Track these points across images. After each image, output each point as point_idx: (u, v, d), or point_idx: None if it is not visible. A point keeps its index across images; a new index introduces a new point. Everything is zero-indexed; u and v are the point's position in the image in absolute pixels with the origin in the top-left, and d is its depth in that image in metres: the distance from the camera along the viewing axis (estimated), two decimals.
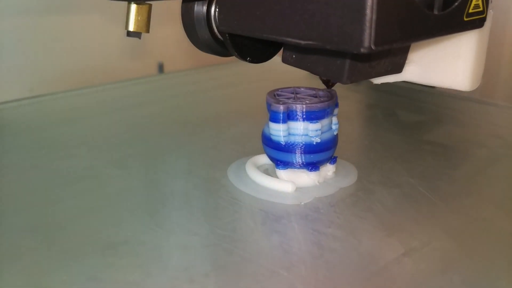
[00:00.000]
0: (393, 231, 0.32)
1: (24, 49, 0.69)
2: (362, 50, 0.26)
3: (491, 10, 0.35)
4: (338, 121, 0.38)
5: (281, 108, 0.35)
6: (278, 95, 0.38)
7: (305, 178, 0.37)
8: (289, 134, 0.36)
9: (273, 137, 0.36)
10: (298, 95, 0.38)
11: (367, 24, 0.25)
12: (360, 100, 0.62)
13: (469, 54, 0.35)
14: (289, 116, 0.36)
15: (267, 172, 0.39)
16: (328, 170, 0.38)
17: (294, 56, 0.35)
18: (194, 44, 0.37)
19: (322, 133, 0.36)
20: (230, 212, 0.34)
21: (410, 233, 0.32)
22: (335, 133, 0.37)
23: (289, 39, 0.29)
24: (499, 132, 0.51)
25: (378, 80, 0.38)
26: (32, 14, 0.69)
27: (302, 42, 0.29)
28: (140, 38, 0.35)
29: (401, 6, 0.27)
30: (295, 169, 0.37)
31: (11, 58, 0.68)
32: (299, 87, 0.39)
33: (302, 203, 0.35)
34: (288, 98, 0.37)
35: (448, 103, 0.62)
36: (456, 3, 0.30)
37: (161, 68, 0.82)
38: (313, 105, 0.36)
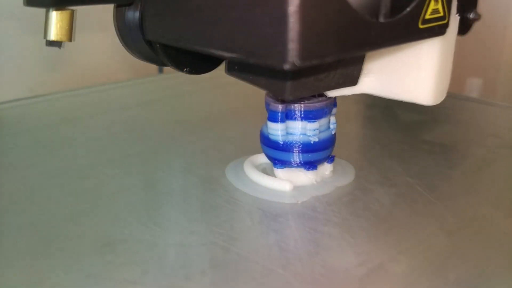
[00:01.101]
0: (389, 230, 0.32)
1: (23, 48, 0.70)
2: (285, 66, 0.22)
3: (457, 15, 0.32)
4: (336, 121, 0.38)
5: (280, 107, 0.36)
6: None
7: (303, 177, 0.37)
8: (287, 133, 0.36)
9: (271, 136, 0.37)
10: None
11: (290, 36, 0.22)
12: (360, 100, 0.62)
13: (431, 64, 0.32)
14: (287, 115, 0.36)
15: (265, 171, 0.39)
16: (325, 169, 0.38)
17: (236, 67, 0.32)
18: (129, 52, 0.35)
19: (320, 132, 0.36)
20: (227, 210, 0.34)
21: (407, 231, 0.32)
22: (333, 132, 0.38)
23: (213, 51, 0.26)
24: (497, 131, 0.51)
25: (332, 93, 0.36)
26: (31, 14, 0.69)
27: (226, 54, 0.25)
28: (60, 47, 0.31)
29: (334, 14, 0.23)
30: (293, 168, 0.37)
31: (11, 57, 0.68)
32: None
33: (300, 202, 0.35)
34: None
35: (447, 103, 0.62)
36: (408, 9, 0.27)
37: (160, 68, 0.82)
38: (311, 104, 0.36)
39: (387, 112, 0.58)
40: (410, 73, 0.33)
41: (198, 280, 0.27)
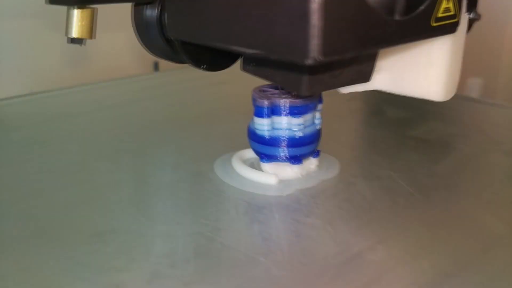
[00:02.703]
0: (370, 221, 0.33)
1: (22, 47, 0.71)
2: (307, 61, 0.23)
3: (466, 14, 0.33)
4: (321, 116, 0.39)
5: (266, 103, 0.37)
6: (264, 90, 0.39)
7: (289, 171, 0.38)
8: (273, 128, 0.37)
9: (258, 131, 0.38)
10: (282, 91, 0.39)
11: (313, 32, 0.23)
12: (347, 96, 0.63)
13: (442, 61, 0.33)
14: (273, 111, 0.37)
15: (253, 165, 0.40)
16: (311, 163, 0.40)
17: (252, 64, 0.33)
18: (146, 50, 0.35)
19: (305, 127, 0.37)
20: (214, 203, 0.35)
21: (387, 222, 0.33)
22: (317, 127, 0.39)
23: (235, 47, 0.27)
24: (483, 128, 0.52)
25: (345, 90, 0.37)
26: (31, 13, 0.70)
27: (248, 50, 0.26)
28: (81, 45, 0.32)
29: (353, 11, 0.24)
30: (279, 162, 0.38)
31: (11, 57, 0.69)
32: None
33: (284, 194, 0.36)
34: (273, 94, 0.38)
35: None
36: (422, 7, 0.28)
37: (156, 66, 0.83)
38: (296, 100, 0.37)
39: (374, 108, 0.59)
40: (422, 70, 0.34)
41: (182, 268, 0.28)
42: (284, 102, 0.37)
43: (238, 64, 0.36)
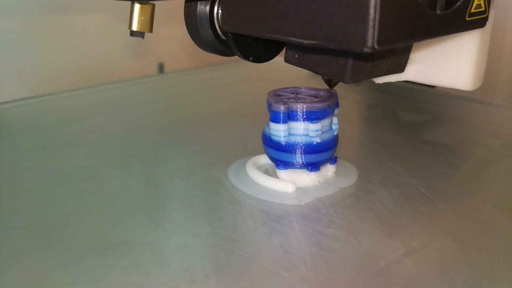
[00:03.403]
0: (393, 231, 0.32)
1: (24, 49, 0.69)
2: (365, 49, 0.26)
3: (493, 10, 0.35)
4: (338, 121, 0.38)
5: (282, 108, 0.35)
6: (279, 95, 0.38)
7: (305, 178, 0.37)
8: (290, 134, 0.36)
9: (274, 137, 0.36)
10: (298, 95, 0.38)
11: (371, 23, 0.25)
12: (360, 100, 0.62)
13: (471, 53, 0.36)
14: (290, 116, 0.36)
15: (267, 172, 0.39)
16: (328, 170, 0.38)
17: (296, 55, 0.35)
18: (197, 44, 0.37)
19: (322, 133, 0.36)
20: (230, 212, 0.34)
21: (411, 233, 0.32)
22: (335, 133, 0.37)
23: (293, 39, 0.29)
24: (499, 132, 0.51)
25: (380, 80, 0.38)
26: (32, 14, 0.69)
27: (306, 41, 0.29)
28: (143, 37, 0.35)
29: (404, 5, 0.27)
30: (295, 169, 0.37)
31: (11, 58, 0.68)
32: (299, 87, 0.39)
33: (302, 203, 0.35)
34: (289, 98, 0.37)
35: (448, 103, 0.62)
36: (459, 3, 0.30)
37: (161, 68, 0.82)
38: (313, 105, 0.36)
39: (387, 112, 0.58)
40: (452, 61, 0.36)
41: (202, 283, 0.27)
42: (301, 107, 0.36)
43: (242, 65, 0.36)
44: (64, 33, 0.72)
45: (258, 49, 0.36)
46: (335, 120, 0.37)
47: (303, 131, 0.36)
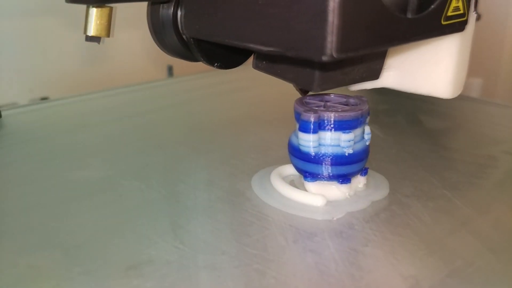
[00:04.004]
0: (433, 249, 0.30)
1: (26, 50, 0.68)
2: (323, 58, 0.24)
3: (474, 13, 0.33)
4: (370, 131, 0.36)
5: (312, 117, 0.33)
6: (307, 103, 0.36)
7: (335, 191, 0.35)
8: (319, 144, 0.34)
9: (302, 148, 0.34)
10: (328, 103, 0.36)
11: (329, 30, 0.23)
12: (379, 104, 0.60)
13: (450, 59, 0.34)
14: (320, 125, 0.34)
15: (293, 183, 0.37)
16: (358, 182, 0.36)
17: (264, 62, 0.34)
18: (161, 48, 0.36)
19: (354, 143, 0.34)
20: (258, 228, 0.32)
21: (451, 251, 0.30)
22: (367, 143, 0.35)
23: (251, 45, 0.28)
24: None
25: (354, 87, 0.37)
26: (35, 15, 0.67)
27: (264, 48, 0.27)
28: (99, 43, 0.33)
29: (368, 9, 0.25)
30: (324, 181, 0.35)
31: (11, 59, 0.66)
32: (328, 94, 0.37)
33: (335, 219, 0.33)
34: (318, 107, 0.35)
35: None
36: (433, 6, 0.28)
37: (170, 71, 0.80)
38: (346, 114, 0.34)
39: (410, 118, 0.56)
40: (430, 68, 0.34)
41: None
42: (333, 116, 0.34)
43: (253, 69, 0.34)
44: (68, 34, 0.70)
45: (224, 55, 0.35)
46: (367, 129, 0.35)
47: (333, 141, 0.34)
